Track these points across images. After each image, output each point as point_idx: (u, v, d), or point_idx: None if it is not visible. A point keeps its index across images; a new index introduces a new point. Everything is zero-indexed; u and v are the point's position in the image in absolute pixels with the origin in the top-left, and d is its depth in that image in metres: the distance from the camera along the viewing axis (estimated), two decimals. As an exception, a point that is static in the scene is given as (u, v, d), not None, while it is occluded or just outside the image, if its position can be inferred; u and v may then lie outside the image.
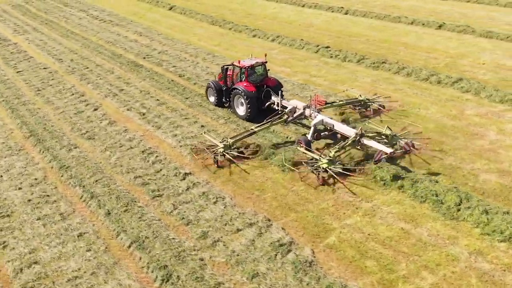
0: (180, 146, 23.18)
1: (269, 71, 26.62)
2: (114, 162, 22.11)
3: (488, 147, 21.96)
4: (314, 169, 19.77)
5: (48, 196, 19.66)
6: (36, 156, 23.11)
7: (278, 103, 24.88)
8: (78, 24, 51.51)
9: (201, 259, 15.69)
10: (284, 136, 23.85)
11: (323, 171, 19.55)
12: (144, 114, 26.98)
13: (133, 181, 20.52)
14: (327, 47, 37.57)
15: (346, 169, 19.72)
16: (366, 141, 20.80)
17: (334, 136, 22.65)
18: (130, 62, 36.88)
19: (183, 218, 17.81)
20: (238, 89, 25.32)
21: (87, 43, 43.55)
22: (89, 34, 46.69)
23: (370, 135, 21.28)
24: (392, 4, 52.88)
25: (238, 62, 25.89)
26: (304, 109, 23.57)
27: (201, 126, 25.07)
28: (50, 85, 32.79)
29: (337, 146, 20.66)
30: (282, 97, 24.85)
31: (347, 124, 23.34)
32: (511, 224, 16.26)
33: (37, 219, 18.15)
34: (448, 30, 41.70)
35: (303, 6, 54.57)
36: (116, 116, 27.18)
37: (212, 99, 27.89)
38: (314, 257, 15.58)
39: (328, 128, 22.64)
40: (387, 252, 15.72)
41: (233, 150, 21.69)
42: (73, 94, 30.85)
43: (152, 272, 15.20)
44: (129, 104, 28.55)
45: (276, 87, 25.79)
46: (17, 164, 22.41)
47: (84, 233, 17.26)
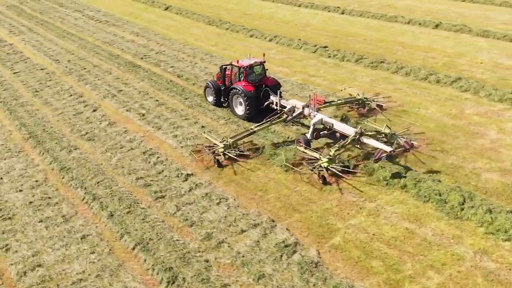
0: (181, 147, 23.09)
1: (267, 70, 26.60)
2: (115, 164, 21.98)
3: (489, 146, 22.03)
4: (315, 168, 19.80)
5: (49, 198, 19.50)
6: (36, 158, 22.93)
7: (276, 102, 24.89)
8: (74, 24, 51.22)
9: (206, 261, 15.62)
10: (285, 136, 23.81)
11: (324, 170, 19.60)
12: (143, 115, 26.86)
13: (135, 182, 20.41)
14: (325, 47, 37.59)
15: (346, 168, 19.77)
16: (365, 140, 20.87)
17: (333, 135, 22.67)
18: (128, 63, 36.71)
19: (186, 219, 17.73)
20: (236, 89, 25.29)
21: (83, 43, 43.32)
22: (85, 35, 46.44)
23: (369, 133, 21.36)
24: (388, 3, 53.05)
25: (236, 62, 25.88)
26: (303, 108, 23.59)
27: (202, 126, 25.00)
28: (48, 86, 32.56)
29: (337, 145, 20.69)
30: (281, 97, 24.87)
31: (346, 122, 23.41)
32: (515, 223, 16.34)
33: (39, 221, 18.00)
34: (445, 30, 41.90)
35: (299, 6, 54.61)
36: (116, 117, 27.04)
37: (211, 99, 27.85)
38: (320, 257, 15.55)
39: (328, 127, 22.67)
40: (392, 252, 15.72)
41: (233, 149, 21.68)
42: (71, 95, 30.65)
43: (157, 274, 15.11)
44: (128, 105, 28.41)
45: (275, 87, 25.83)
46: (17, 166, 22.21)
47: (88, 235, 17.14)
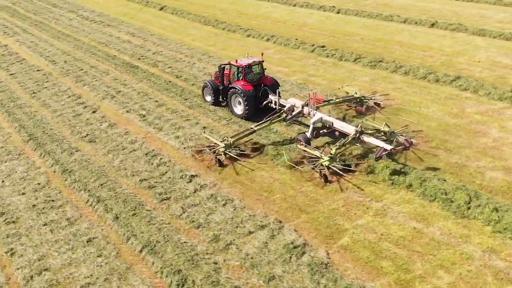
0: (184, 148, 22.96)
1: (265, 70, 26.57)
2: (117, 165, 21.81)
3: (491, 144, 22.10)
4: (316, 167, 19.86)
5: (53, 201, 19.31)
6: (37, 160, 22.70)
7: (275, 101, 24.93)
8: (69, 25, 50.85)
9: (215, 263, 15.53)
10: (287, 136, 23.74)
11: (325, 169, 19.68)
12: (144, 116, 26.68)
13: (138, 184, 20.26)
14: (323, 47, 37.55)
15: (347, 166, 19.83)
16: (366, 138, 20.99)
17: (332, 133, 22.72)
18: (125, 63, 36.48)
19: (193, 221, 17.61)
20: (235, 88, 25.26)
21: (79, 44, 43.01)
22: (80, 35, 46.11)
23: (369, 132, 21.44)
24: (383, 3, 53.12)
25: (235, 61, 25.88)
26: (302, 107, 23.66)
27: (203, 127, 24.86)
28: (45, 87, 32.28)
29: (337, 144, 20.73)
30: (279, 96, 24.86)
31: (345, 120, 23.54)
32: (522, 222, 16.40)
33: (44, 224, 17.82)
34: (441, 29, 42.00)
35: (295, 6, 54.56)
36: (116, 118, 26.84)
37: (209, 98, 27.80)
38: (329, 258, 15.52)
39: (327, 126, 22.71)
40: (401, 252, 15.71)
41: (234, 149, 21.71)
42: (69, 96, 30.40)
43: (166, 277, 14.99)
44: (128, 106, 28.22)
45: (273, 86, 25.90)
46: (18, 168, 21.98)
47: (93, 238, 16.99)
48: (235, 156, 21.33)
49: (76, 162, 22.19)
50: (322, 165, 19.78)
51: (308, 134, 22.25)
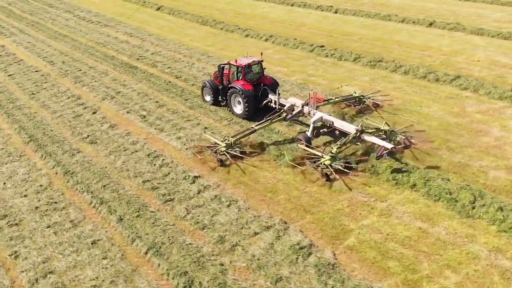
0: (186, 149, 22.87)
1: (265, 69, 26.55)
2: (120, 167, 21.70)
3: (493, 144, 22.14)
4: (317, 166, 19.89)
5: (55, 203, 19.18)
6: (38, 162, 22.55)
7: (275, 101, 24.95)
8: (65, 25, 50.63)
9: (221, 264, 15.45)
10: (289, 136, 23.70)
11: (326, 168, 19.70)
12: (145, 117, 26.57)
13: (141, 185, 20.16)
14: (322, 46, 37.54)
15: (348, 165, 19.84)
16: (366, 137, 21.04)
17: (332, 132, 22.77)
18: (124, 64, 36.33)
19: (197, 222, 17.53)
20: (235, 88, 25.26)
21: (77, 44, 42.81)
22: (78, 36, 45.91)
23: (369, 131, 21.49)
24: (381, 2, 53.20)
25: (235, 61, 25.89)
26: (302, 106, 23.70)
27: (205, 128, 24.74)
28: (44, 88, 32.10)
29: (338, 143, 20.76)
30: (279, 95, 24.84)
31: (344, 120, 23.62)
32: (527, 221, 16.43)
33: (47, 227, 17.69)
34: (439, 28, 42.09)
35: (292, 5, 54.55)
36: (117, 119, 26.71)
37: (208, 98, 27.79)
38: (336, 259, 15.47)
39: (327, 125, 22.76)
40: (407, 252, 15.69)
41: (235, 148, 21.72)
42: (69, 97, 30.24)
43: (173, 279, 14.90)
44: (128, 107, 28.10)
45: (273, 85, 25.95)
46: (20, 170, 21.83)
47: (98, 240, 16.87)
48: (240, 154, 21.33)
49: (78, 164, 22.06)
50: (323, 164, 19.81)
51: (309, 134, 22.33)
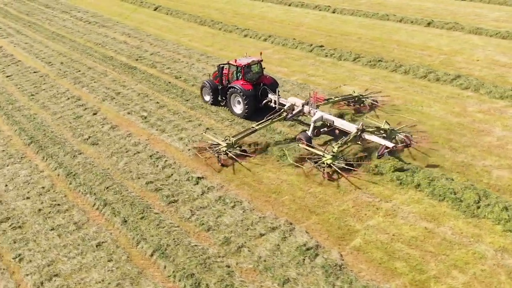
0: (188, 149, 22.77)
1: (264, 69, 26.53)
2: (122, 168, 21.58)
3: (496, 143, 22.16)
4: (318, 165, 19.91)
5: (58, 205, 19.04)
6: (40, 164, 22.39)
7: (275, 101, 24.99)
8: (63, 26, 50.40)
9: (228, 266, 15.38)
10: (291, 136, 23.63)
11: (328, 167, 19.73)
12: (146, 118, 26.46)
13: (145, 187, 20.06)
14: (321, 46, 37.52)
15: (349, 164, 19.87)
16: (367, 136, 21.13)
17: (333, 132, 22.81)
18: (123, 64, 36.18)
19: (202, 224, 17.45)
20: (235, 88, 25.25)
21: (75, 45, 42.61)
22: (75, 36, 45.70)
23: (370, 130, 21.55)
24: (378, 2, 53.22)
25: (234, 61, 25.92)
26: (302, 106, 23.73)
27: (206, 128, 24.66)
28: (43, 89, 31.91)
29: (339, 142, 20.76)
30: (279, 95, 24.89)
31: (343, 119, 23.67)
32: (532, 221, 16.45)
33: (51, 229, 17.56)
34: (437, 28, 42.15)
35: (290, 5, 54.50)
36: (117, 120, 26.58)
37: (208, 98, 27.79)
38: (343, 260, 15.42)
39: (328, 124, 22.81)
40: (414, 253, 15.67)
41: (236, 148, 21.73)
42: (68, 98, 30.07)
43: (179, 281, 14.82)
44: (129, 108, 27.98)
45: (272, 85, 26.00)
46: (21, 172, 21.67)
47: (103, 242, 16.75)
48: (244, 153, 21.39)
49: (80, 165, 21.93)
50: (324, 163, 19.81)
51: (309, 133, 22.40)
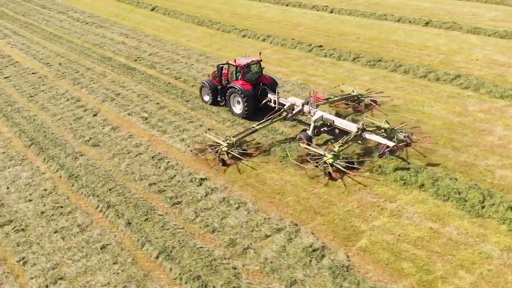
0: (190, 151, 22.69)
1: (263, 69, 26.51)
2: (125, 170, 21.46)
3: (498, 143, 22.20)
4: (320, 165, 19.91)
5: (61, 207, 18.92)
6: (41, 166, 22.24)
7: (275, 100, 25.02)
8: (60, 26, 50.14)
9: (234, 268, 15.31)
10: (293, 137, 23.58)
11: (329, 167, 19.71)
12: (146, 119, 26.34)
13: (148, 188, 19.96)
14: (320, 46, 37.49)
15: (350, 163, 19.88)
16: (368, 136, 21.16)
17: (332, 131, 22.84)
18: (122, 65, 36.02)
19: (207, 225, 17.37)
20: (234, 88, 25.25)
21: (72, 46, 42.39)
22: (73, 37, 45.48)
23: (370, 129, 21.58)
24: (375, 2, 53.26)
25: (234, 61, 25.92)
26: (302, 105, 23.76)
27: (208, 129, 24.54)
28: (42, 90, 31.72)
29: (340, 141, 20.77)
30: (279, 95, 24.93)
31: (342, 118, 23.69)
32: (537, 220, 16.48)
33: (54, 232, 17.45)
34: (435, 27, 42.23)
35: (287, 5, 54.47)
36: (118, 121, 26.45)
37: (207, 98, 27.77)
38: (349, 261, 15.39)
39: (328, 124, 22.84)
40: (420, 253, 15.65)
41: (236, 148, 21.73)
42: (68, 99, 29.90)
43: (186, 283, 14.75)
44: (129, 109, 27.85)
45: (272, 85, 26.04)
46: (23, 174, 21.52)
47: (107, 244, 16.65)
48: (246, 152, 21.46)
49: (81, 167, 21.79)
50: (326, 163, 19.82)
51: (309, 132, 22.42)
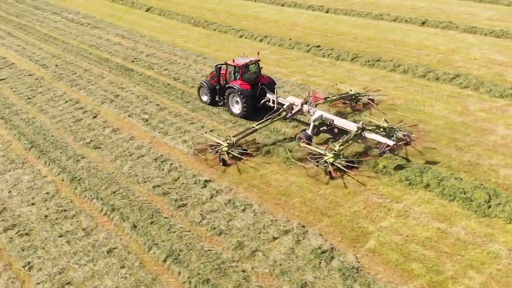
0: (193, 152, 22.53)
1: (262, 69, 26.47)
2: (127, 172, 21.28)
3: (500, 142, 22.26)
4: (320, 164, 19.90)
5: (65, 211, 18.70)
6: (42, 169, 21.98)
7: (273, 100, 25.02)
8: (55, 27, 49.71)
9: (244, 271, 15.21)
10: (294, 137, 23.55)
11: (329, 166, 19.72)
12: (147, 120, 26.14)
13: (152, 191, 19.79)
14: (318, 46, 37.44)
15: (351, 163, 19.90)
16: (368, 135, 21.24)
17: (331, 130, 22.83)
18: (119, 66, 35.76)
19: (214, 228, 17.25)
20: (233, 88, 25.22)
21: (68, 47, 42.03)
22: (68, 38, 45.10)
23: (370, 128, 21.66)
24: (371, 1, 53.30)
25: (232, 61, 25.89)
26: (301, 105, 23.74)
27: (210, 130, 24.41)
28: (40, 92, 31.40)
29: (341, 140, 20.79)
30: (277, 94, 24.96)
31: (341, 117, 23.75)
32: (544, 219, 16.54)
33: (59, 236, 17.23)
34: (432, 27, 42.33)
35: (283, 5, 54.36)
36: (118, 123, 26.23)
37: (205, 98, 27.72)
38: (359, 262, 15.34)
39: (327, 123, 22.85)
40: (429, 253, 15.64)
41: (237, 148, 21.71)
42: (66, 101, 29.61)
43: (195, 287, 14.63)
44: (129, 110, 27.63)
45: (270, 85, 26.04)
46: (24, 178, 21.25)
47: (114, 248, 16.47)
48: (248, 152, 21.47)
49: (83, 170, 21.58)
50: (326, 162, 19.77)
51: (309, 132, 22.42)
